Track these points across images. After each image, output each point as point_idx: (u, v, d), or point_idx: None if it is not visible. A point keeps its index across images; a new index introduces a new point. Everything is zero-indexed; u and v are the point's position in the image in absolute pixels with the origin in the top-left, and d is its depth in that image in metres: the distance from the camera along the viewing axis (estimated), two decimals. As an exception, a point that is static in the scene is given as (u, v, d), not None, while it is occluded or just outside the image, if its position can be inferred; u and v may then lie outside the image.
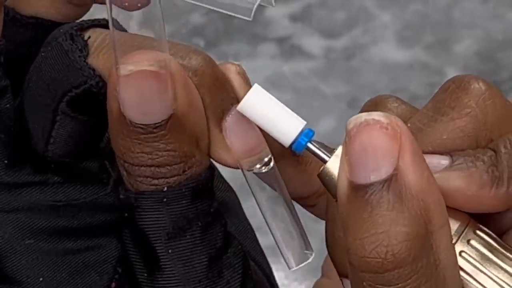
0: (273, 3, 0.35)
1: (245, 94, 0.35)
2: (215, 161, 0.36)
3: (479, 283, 0.33)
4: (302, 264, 0.37)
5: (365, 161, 0.31)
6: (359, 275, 0.32)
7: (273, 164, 0.37)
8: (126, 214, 0.36)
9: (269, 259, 0.51)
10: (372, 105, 0.37)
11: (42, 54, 0.37)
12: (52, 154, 0.38)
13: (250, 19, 0.35)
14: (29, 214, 0.37)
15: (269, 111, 0.35)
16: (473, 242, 0.33)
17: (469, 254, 0.33)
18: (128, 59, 0.34)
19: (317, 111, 1.40)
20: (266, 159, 0.36)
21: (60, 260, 0.37)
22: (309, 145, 0.34)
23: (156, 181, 0.35)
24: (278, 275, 1.46)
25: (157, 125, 0.34)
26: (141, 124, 0.34)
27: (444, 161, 0.34)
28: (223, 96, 0.36)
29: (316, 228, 1.55)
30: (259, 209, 0.37)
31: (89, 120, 0.38)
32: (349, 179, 0.32)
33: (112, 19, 0.34)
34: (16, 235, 0.37)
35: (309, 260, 0.37)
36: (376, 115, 0.32)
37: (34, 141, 0.38)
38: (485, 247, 0.33)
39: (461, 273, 0.33)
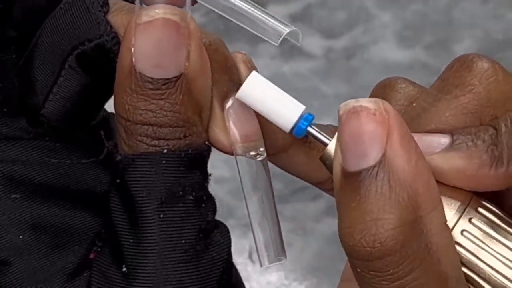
0: (299, 42, 0.36)
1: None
2: (211, 141, 0.37)
3: (482, 261, 0.33)
4: (274, 264, 0.37)
5: (354, 148, 0.31)
6: (352, 262, 0.32)
7: (266, 157, 0.37)
8: (118, 181, 0.35)
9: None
10: (381, 88, 0.38)
11: (62, 6, 0.37)
12: (47, 113, 0.38)
13: (277, 45, 0.35)
14: (20, 167, 0.37)
15: (268, 97, 0.35)
16: (474, 220, 0.33)
17: (471, 232, 0.33)
18: (151, 7, 0.34)
19: (317, 111, 1.40)
20: (261, 149, 0.37)
21: (42, 221, 0.37)
22: (309, 129, 0.35)
23: (156, 142, 0.35)
24: (279, 274, 1.45)
25: (166, 81, 0.34)
26: (151, 78, 0.34)
27: (444, 139, 0.33)
28: (230, 78, 0.37)
29: (316, 228, 1.53)
30: (244, 199, 0.37)
31: (93, 82, 0.38)
32: (341, 165, 0.32)
33: None
34: (3, 188, 0.37)
35: (282, 262, 0.37)
36: (364, 102, 0.32)
37: (33, 97, 0.38)
38: (487, 224, 0.33)
39: (464, 251, 0.33)
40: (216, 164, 0.37)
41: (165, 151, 0.35)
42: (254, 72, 0.35)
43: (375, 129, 0.31)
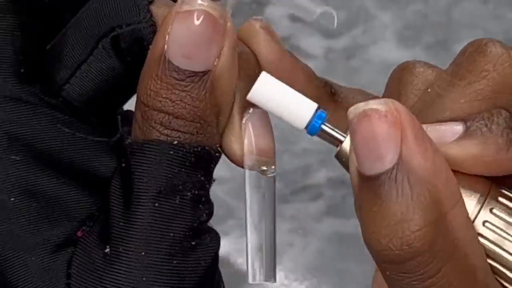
0: (335, 25, 0.36)
1: (269, 48, 0.36)
2: (223, 148, 0.37)
3: (505, 250, 0.33)
4: (262, 282, 0.37)
5: (369, 152, 0.31)
6: (380, 266, 0.32)
7: (275, 177, 0.37)
8: (123, 165, 0.36)
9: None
10: (399, 71, 0.38)
11: None
12: (70, 89, 0.38)
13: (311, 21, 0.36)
14: (26, 130, 0.37)
15: (280, 97, 0.35)
16: (495, 210, 0.33)
17: (493, 223, 0.33)
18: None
19: (317, 111, 1.40)
20: (272, 167, 0.37)
21: (37, 189, 0.36)
22: (323, 126, 0.35)
23: (169, 131, 0.35)
24: (279, 275, 1.46)
25: (192, 74, 0.34)
26: (177, 68, 0.34)
27: (458, 127, 0.33)
28: None
29: (316, 228, 1.54)
30: (246, 213, 0.37)
31: (122, 70, 0.38)
32: (358, 169, 0.32)
33: None
34: (5, 146, 0.36)
35: (269, 283, 0.37)
36: (374, 104, 0.31)
37: (60, 70, 0.38)
38: (508, 213, 0.33)
39: (487, 242, 0.33)
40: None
41: (175, 142, 0.35)
42: (264, 73, 0.35)
43: (388, 130, 0.31)
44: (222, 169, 0.38)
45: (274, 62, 0.37)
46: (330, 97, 0.38)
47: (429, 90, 0.35)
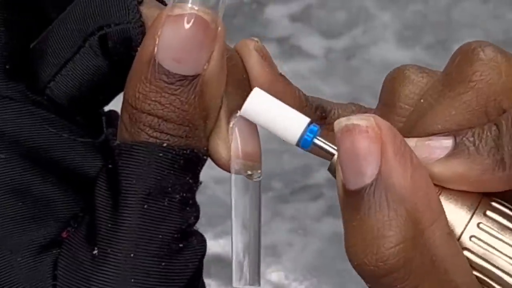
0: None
1: (260, 70, 0.37)
2: (210, 151, 0.37)
3: (492, 264, 0.33)
4: (246, 286, 0.37)
5: (351, 167, 0.31)
6: (362, 279, 0.32)
7: (260, 181, 0.37)
8: (110, 166, 0.35)
9: (269, 259, 0.51)
10: (390, 82, 0.38)
11: None
12: (55, 87, 0.37)
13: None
14: (12, 128, 0.36)
15: (272, 112, 0.35)
16: (482, 225, 0.33)
17: (479, 237, 0.33)
18: (185, 1, 0.34)
19: (317, 111, 1.40)
20: (258, 171, 0.37)
21: (23, 188, 0.36)
22: (315, 140, 0.35)
23: (158, 134, 0.35)
24: (278, 274, 1.45)
25: (182, 78, 0.34)
26: (168, 71, 0.34)
27: (447, 142, 0.33)
28: (242, 94, 0.37)
29: (316, 227, 1.53)
30: (232, 217, 0.37)
31: (108, 70, 0.37)
32: (343, 183, 0.32)
33: None
34: None
35: (255, 287, 0.37)
36: (355, 119, 0.32)
37: (45, 68, 0.37)
38: (495, 228, 0.33)
39: (474, 256, 0.33)
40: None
41: (164, 144, 0.35)
42: (256, 89, 0.35)
43: (368, 146, 0.31)
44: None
45: (264, 85, 0.37)
46: (322, 120, 0.38)
47: (422, 100, 0.35)
